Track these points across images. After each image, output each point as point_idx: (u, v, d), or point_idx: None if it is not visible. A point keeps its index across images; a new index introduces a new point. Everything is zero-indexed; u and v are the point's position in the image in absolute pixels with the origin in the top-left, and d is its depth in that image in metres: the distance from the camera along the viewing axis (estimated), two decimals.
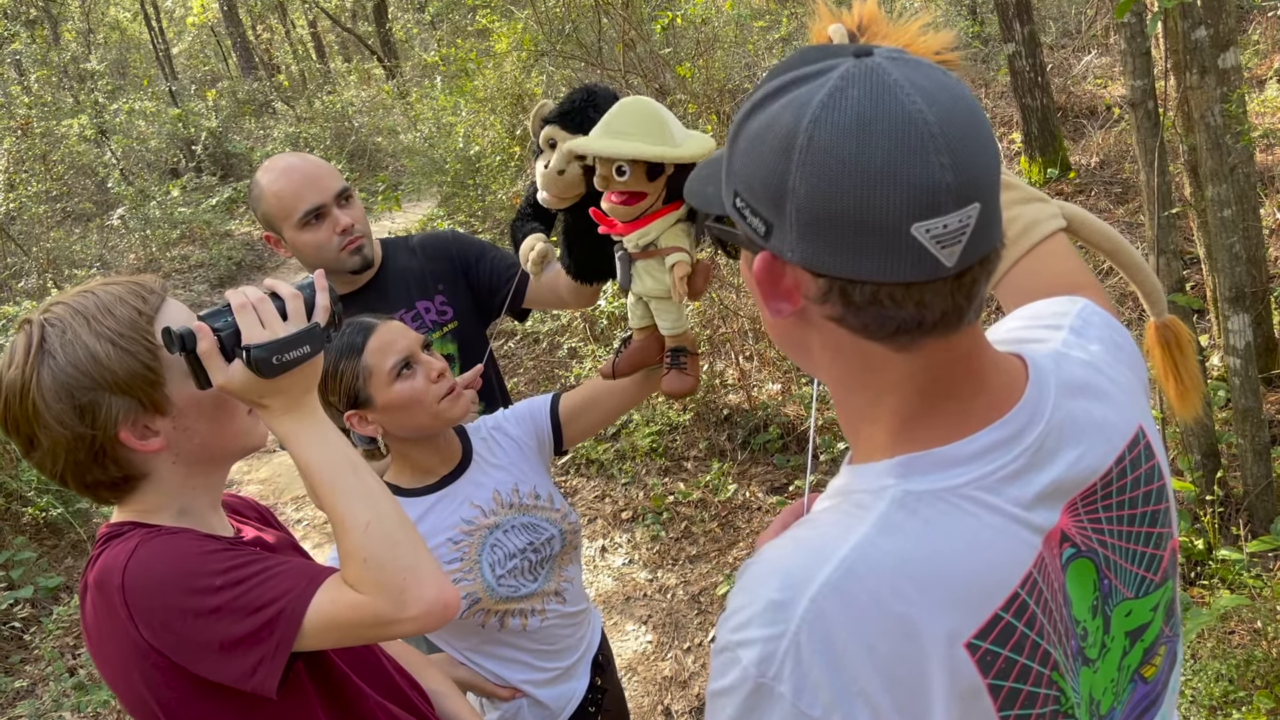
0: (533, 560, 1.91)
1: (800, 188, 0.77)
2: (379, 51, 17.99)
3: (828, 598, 0.79)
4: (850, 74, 0.77)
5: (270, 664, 1.18)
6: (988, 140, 0.78)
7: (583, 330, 6.32)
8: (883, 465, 0.86)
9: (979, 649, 0.80)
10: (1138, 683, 0.96)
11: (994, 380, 0.88)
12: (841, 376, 0.89)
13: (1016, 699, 0.82)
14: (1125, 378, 1.00)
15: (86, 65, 15.10)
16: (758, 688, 0.79)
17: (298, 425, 1.27)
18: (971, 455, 0.84)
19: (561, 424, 2.00)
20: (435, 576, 1.23)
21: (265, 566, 1.22)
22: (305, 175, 2.18)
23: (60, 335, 1.22)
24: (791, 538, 0.86)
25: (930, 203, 0.74)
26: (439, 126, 10.51)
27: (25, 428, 1.24)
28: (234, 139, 15.10)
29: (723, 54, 7.34)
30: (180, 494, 1.31)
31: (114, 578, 1.19)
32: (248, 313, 1.24)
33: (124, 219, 11.64)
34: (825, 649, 0.78)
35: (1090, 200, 6.44)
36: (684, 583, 4.24)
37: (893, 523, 0.82)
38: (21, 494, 5.43)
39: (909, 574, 0.80)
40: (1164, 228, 3.40)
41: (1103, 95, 7.82)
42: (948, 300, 0.80)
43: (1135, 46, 3.28)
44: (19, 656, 4.64)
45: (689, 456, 5.12)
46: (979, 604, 0.81)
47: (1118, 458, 0.92)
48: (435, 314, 2.34)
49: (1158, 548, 0.95)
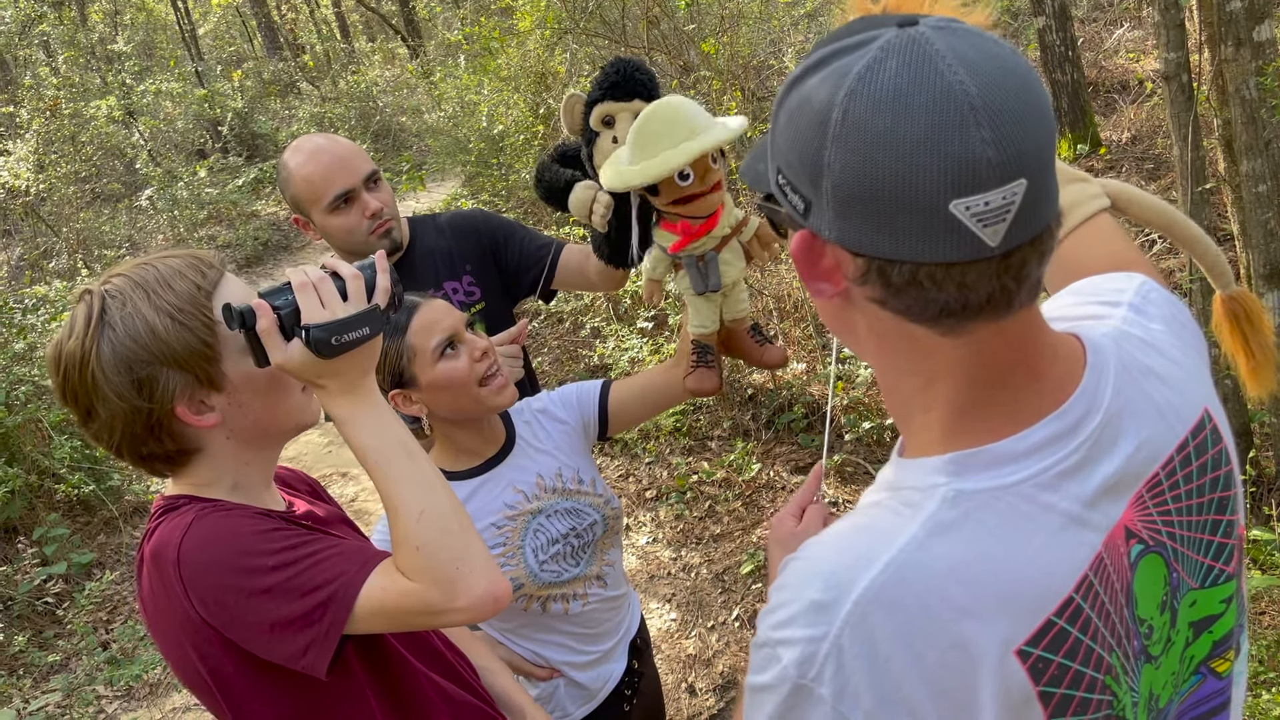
0: (575, 545, 1.91)
1: (835, 163, 0.74)
2: (403, 31, 17.98)
3: (872, 602, 0.77)
4: (891, 44, 0.74)
5: (321, 646, 1.18)
6: (1039, 114, 0.74)
7: (606, 310, 6.31)
8: (933, 462, 0.82)
9: (1030, 656, 0.77)
10: (1206, 676, 0.92)
11: (1050, 368, 0.83)
12: (888, 361, 0.85)
13: (1069, 706, 0.79)
14: (1189, 358, 0.95)
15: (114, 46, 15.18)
16: (798, 688, 0.78)
17: (354, 408, 1.26)
18: (1026, 451, 0.81)
19: (610, 413, 1.99)
20: (487, 567, 1.22)
21: (319, 548, 1.22)
22: (334, 158, 2.16)
23: (120, 308, 1.22)
24: (836, 534, 0.83)
25: (970, 179, 0.71)
26: (463, 106, 10.49)
27: (84, 399, 1.24)
28: (260, 119, 15.16)
29: (747, 29, 7.27)
30: (234, 469, 1.32)
31: (170, 552, 1.20)
32: (308, 292, 1.23)
33: (152, 200, 11.74)
34: (868, 654, 0.76)
35: (1121, 177, 6.35)
36: (708, 561, 4.24)
37: (942, 524, 0.79)
38: (54, 471, 5.51)
39: (959, 579, 0.77)
40: (1197, 204, 3.35)
41: (1134, 69, 7.69)
42: (993, 282, 0.75)
43: (1169, 18, 3.21)
44: (53, 631, 4.72)
45: (713, 436, 5.11)
46: (1032, 610, 0.78)
47: (1180, 444, 0.88)
48: (463, 294, 2.33)
49: (1226, 536, 0.91)
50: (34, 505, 5.48)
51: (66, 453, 5.46)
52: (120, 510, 5.61)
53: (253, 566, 1.18)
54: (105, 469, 5.67)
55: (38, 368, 5.70)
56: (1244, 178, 3.35)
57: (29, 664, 4.48)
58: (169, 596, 1.21)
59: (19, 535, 5.26)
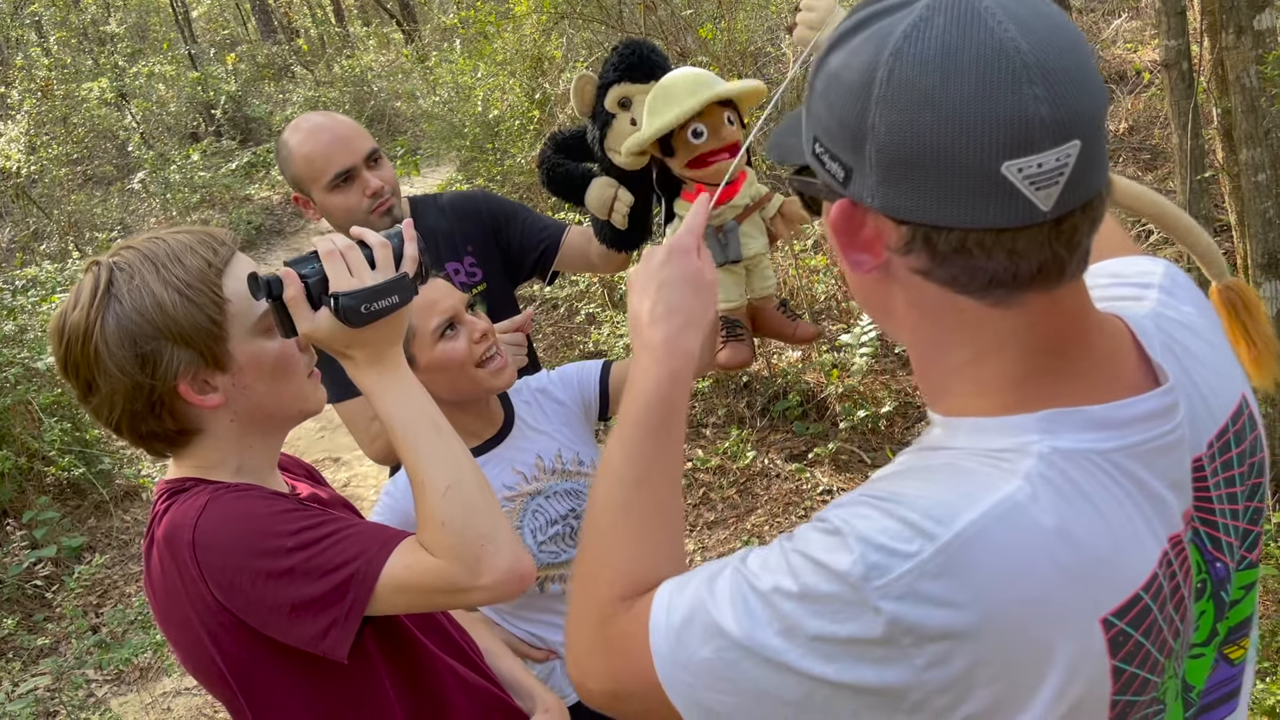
0: (574, 527, 1.90)
1: (880, 125, 0.72)
2: (398, 15, 17.88)
3: (977, 537, 0.71)
4: (937, 2, 0.71)
5: (342, 627, 1.16)
6: (1091, 73, 0.71)
7: (601, 295, 6.29)
8: (1022, 420, 0.77)
9: (1114, 627, 0.74)
10: (1220, 662, 0.90)
11: (1100, 341, 0.80)
12: (932, 335, 0.81)
13: (1131, 685, 0.76)
14: (1223, 342, 0.93)
15: (106, 28, 15.08)
16: (852, 590, 0.71)
17: (381, 379, 1.24)
18: (1126, 421, 0.77)
19: (610, 392, 1.97)
20: (512, 546, 1.20)
21: (337, 527, 1.20)
22: (335, 136, 2.14)
23: (128, 281, 1.20)
24: (925, 481, 0.77)
25: (1023, 138, 0.68)
26: (458, 90, 10.44)
27: (85, 371, 1.22)
28: (254, 103, 15.06)
29: (744, 15, 7.24)
30: (238, 452, 1.30)
31: (184, 534, 1.17)
32: (336, 260, 1.20)
33: (144, 183, 11.66)
34: (949, 590, 0.70)
35: (1119, 167, 6.34)
36: (702, 549, 4.24)
37: (1044, 478, 0.74)
38: (44, 454, 5.47)
39: (1066, 538, 0.72)
40: (1196, 192, 3.34)
41: (1132, 60, 7.67)
42: (1045, 250, 0.73)
43: (1170, 5, 3.20)
44: (42, 615, 4.70)
45: (708, 423, 5.09)
46: (1124, 581, 0.74)
47: (1220, 429, 0.86)
48: (464, 275, 2.31)
49: (1253, 523, 0.89)
50: (24, 488, 5.45)
51: (56, 435, 5.42)
52: (111, 494, 5.58)
53: (272, 548, 1.16)
54: (96, 453, 5.64)
55: (28, 349, 5.65)
56: (1243, 166, 3.34)
57: (18, 647, 4.46)
58: (183, 580, 1.18)
59: (8, 518, 5.24)
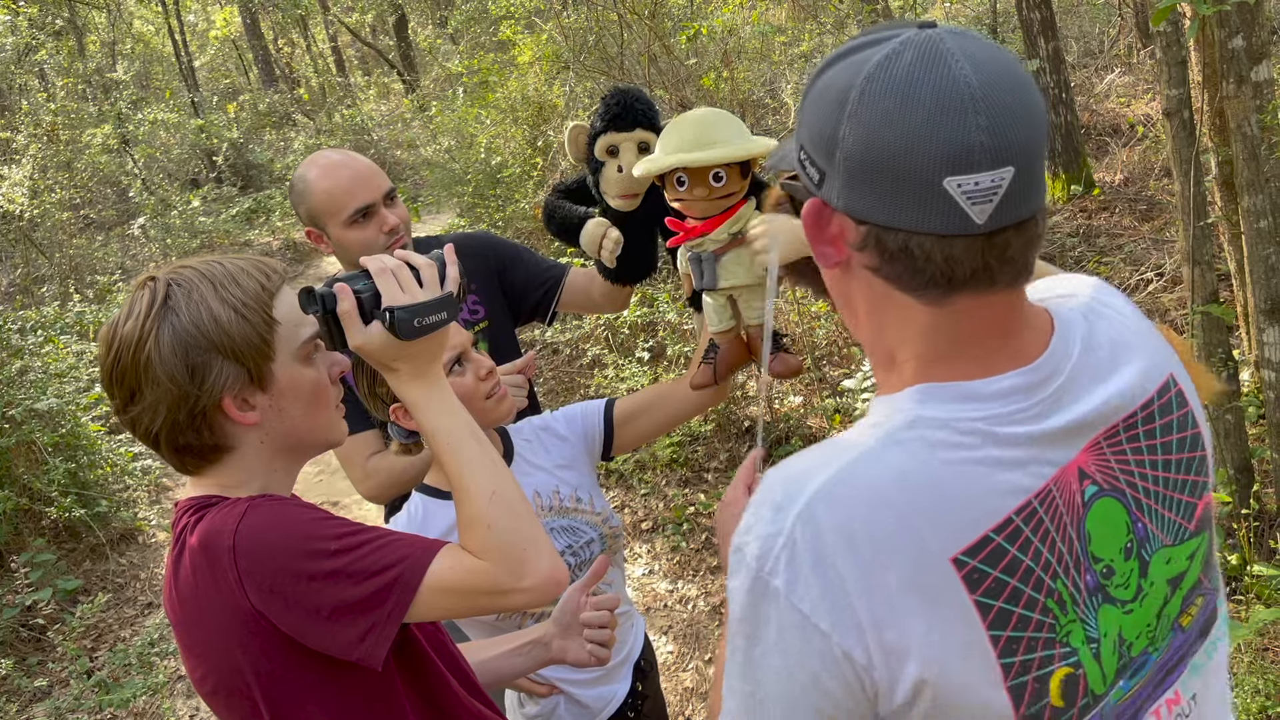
0: (571, 564, 1.89)
1: (849, 137, 0.85)
2: (399, 66, 18.11)
3: (821, 499, 0.85)
4: (909, 40, 0.85)
5: (381, 631, 1.18)
6: (1032, 112, 0.84)
7: (605, 339, 6.31)
8: (904, 393, 0.91)
9: (966, 565, 0.84)
10: (1176, 631, 0.98)
11: (1020, 333, 0.92)
12: (877, 325, 0.94)
13: (1008, 621, 0.85)
14: (1153, 333, 1.04)
15: (111, 75, 15.24)
16: (757, 581, 0.86)
17: (425, 391, 1.31)
18: (991, 395, 0.88)
19: (614, 429, 1.99)
20: (551, 552, 1.26)
21: (380, 534, 1.23)
22: (356, 173, 2.16)
23: (186, 295, 1.24)
24: (806, 451, 0.92)
25: (964, 159, 0.80)
26: (460, 138, 10.54)
27: (131, 379, 1.24)
28: (255, 150, 15.20)
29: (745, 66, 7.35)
30: (263, 473, 1.32)
31: (224, 539, 1.19)
32: (387, 277, 1.28)
33: (144, 228, 11.73)
34: (815, 548, 0.84)
35: (1115, 217, 6.41)
36: (705, 594, 4.21)
37: (898, 440, 0.87)
38: (44, 494, 5.43)
39: (901, 485, 0.85)
40: (1199, 239, 3.37)
41: (1126, 113, 7.80)
42: (978, 258, 0.84)
43: (1171, 55, 3.26)
44: (36, 659, 4.64)
45: (709, 468, 5.09)
46: (970, 524, 0.85)
47: (1145, 401, 0.96)
48: (467, 312, 2.33)
49: (1193, 495, 0.99)
50: (20, 530, 5.40)
51: (58, 475, 5.39)
52: (107, 537, 5.53)
53: (316, 550, 1.18)
54: (94, 495, 5.60)
55: (33, 390, 5.64)
56: (1245, 213, 3.38)
57: (14, 690, 4.39)
58: (218, 587, 1.19)
59: (2, 560, 5.18)
